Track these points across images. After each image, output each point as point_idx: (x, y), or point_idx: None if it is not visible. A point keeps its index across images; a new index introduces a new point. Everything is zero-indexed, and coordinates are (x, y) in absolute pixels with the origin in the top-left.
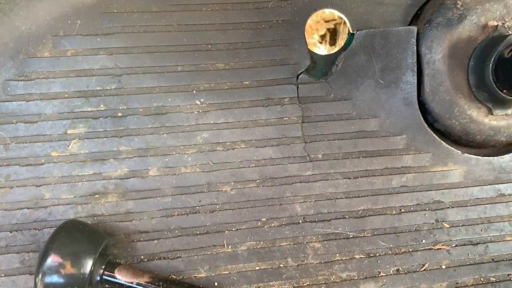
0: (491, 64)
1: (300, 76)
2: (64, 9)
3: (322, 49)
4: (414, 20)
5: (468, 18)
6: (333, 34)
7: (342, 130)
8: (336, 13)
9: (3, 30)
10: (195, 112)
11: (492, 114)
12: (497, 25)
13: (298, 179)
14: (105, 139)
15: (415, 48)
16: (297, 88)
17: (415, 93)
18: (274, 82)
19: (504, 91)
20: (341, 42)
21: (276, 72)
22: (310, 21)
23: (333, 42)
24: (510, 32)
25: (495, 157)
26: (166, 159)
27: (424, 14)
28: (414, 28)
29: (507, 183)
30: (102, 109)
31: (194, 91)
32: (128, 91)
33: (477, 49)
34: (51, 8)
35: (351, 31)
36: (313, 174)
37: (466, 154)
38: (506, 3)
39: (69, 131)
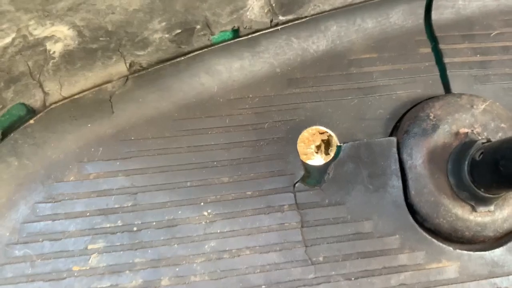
0: (466, 167)
1: (297, 185)
2: (89, 139)
3: (319, 158)
4: (394, 131)
5: (441, 127)
6: (327, 145)
7: (340, 233)
8: (324, 129)
9: (36, 160)
10: (203, 223)
11: (476, 211)
12: (467, 132)
13: (302, 283)
14: (121, 252)
15: (397, 155)
16: (295, 195)
17: (402, 196)
18: (273, 191)
19: (482, 189)
20: (331, 153)
21: (275, 182)
22: (306, 133)
23: (327, 152)
24: (479, 138)
25: (487, 252)
26: (177, 269)
27: (402, 126)
28: (393, 139)
29: (502, 276)
30: (120, 224)
31: (202, 203)
32: (143, 207)
33: (453, 153)
34: (77, 139)
35: (338, 144)
36: (316, 277)
37: (458, 250)
38: (473, 112)
39: (90, 246)
